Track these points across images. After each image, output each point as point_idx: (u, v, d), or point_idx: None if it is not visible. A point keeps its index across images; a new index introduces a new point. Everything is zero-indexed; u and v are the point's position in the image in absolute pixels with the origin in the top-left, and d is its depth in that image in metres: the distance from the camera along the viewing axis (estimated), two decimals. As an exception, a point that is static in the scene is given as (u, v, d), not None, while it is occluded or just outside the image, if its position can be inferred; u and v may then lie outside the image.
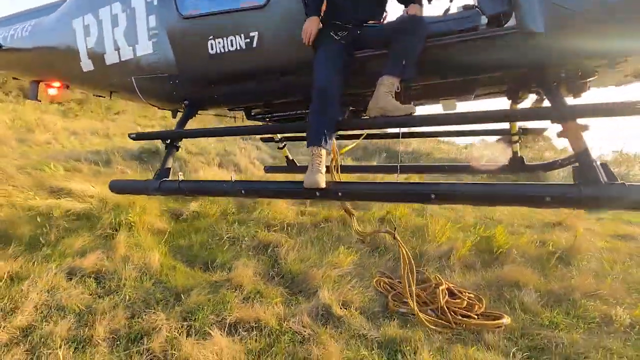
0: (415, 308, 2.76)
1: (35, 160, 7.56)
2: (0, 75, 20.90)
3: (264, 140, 4.06)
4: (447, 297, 3.12)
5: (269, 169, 4.52)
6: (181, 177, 2.38)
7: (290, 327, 2.74)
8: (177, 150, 2.62)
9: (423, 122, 2.11)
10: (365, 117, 2.24)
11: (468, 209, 5.79)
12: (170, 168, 2.51)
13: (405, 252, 2.67)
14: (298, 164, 4.03)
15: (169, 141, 2.60)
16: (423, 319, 2.80)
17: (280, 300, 3.11)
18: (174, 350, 2.39)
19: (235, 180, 2.21)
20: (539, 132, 3.40)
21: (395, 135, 3.17)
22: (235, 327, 2.70)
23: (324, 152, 1.91)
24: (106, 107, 22.89)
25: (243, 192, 2.17)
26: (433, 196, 1.76)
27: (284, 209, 5.16)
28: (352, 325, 2.86)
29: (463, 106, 2.83)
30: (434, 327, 2.82)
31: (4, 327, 2.48)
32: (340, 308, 3.05)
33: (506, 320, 2.90)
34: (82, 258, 3.35)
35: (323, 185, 1.86)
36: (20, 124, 11.36)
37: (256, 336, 2.62)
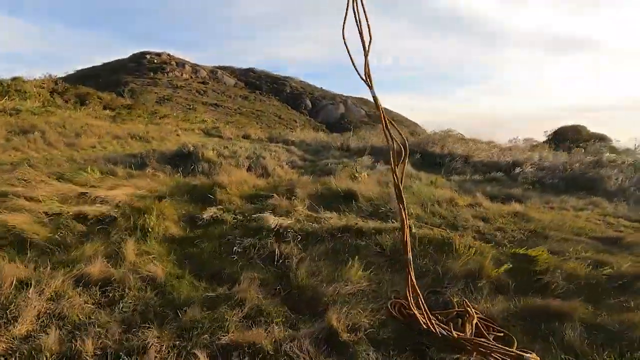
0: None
1: (77, 163, 8.03)
2: (60, 84, 22.86)
3: None
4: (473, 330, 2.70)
5: None
6: None
7: (287, 353, 2.50)
8: None
9: None
10: None
11: (505, 220, 5.20)
12: None
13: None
14: None
15: None
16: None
17: (282, 320, 2.88)
18: (159, 374, 2.24)
19: None
20: None
21: None
22: (228, 351, 2.51)
23: None
24: (151, 112, 24.22)
25: None
26: None
27: (300, 215, 4.94)
28: (358, 355, 2.55)
29: None
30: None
31: (3, 335, 2.48)
32: (347, 333, 2.75)
33: (530, 356, 2.39)
34: (92, 265, 3.34)
35: None
36: (71, 129, 12.26)
37: (247, 363, 2.41)
